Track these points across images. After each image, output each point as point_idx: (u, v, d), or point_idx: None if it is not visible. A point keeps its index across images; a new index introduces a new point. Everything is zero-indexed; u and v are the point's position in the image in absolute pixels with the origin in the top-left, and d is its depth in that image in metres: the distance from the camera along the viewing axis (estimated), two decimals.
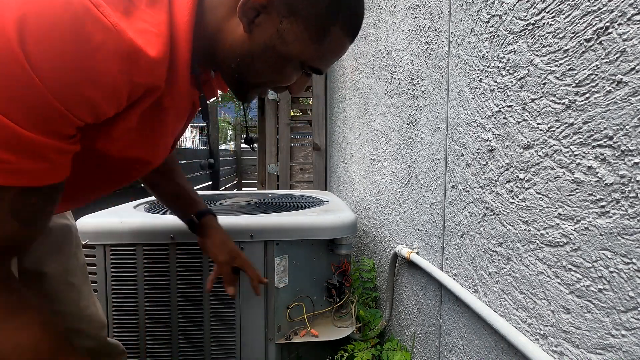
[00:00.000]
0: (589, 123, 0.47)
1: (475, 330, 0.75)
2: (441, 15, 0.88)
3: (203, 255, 0.98)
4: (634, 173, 0.42)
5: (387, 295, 1.24)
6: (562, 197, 0.52)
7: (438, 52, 0.90)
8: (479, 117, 0.72)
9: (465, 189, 0.78)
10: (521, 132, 0.60)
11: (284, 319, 1.04)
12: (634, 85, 0.41)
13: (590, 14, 0.47)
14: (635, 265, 0.42)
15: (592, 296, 0.47)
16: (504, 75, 0.63)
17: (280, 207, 1.24)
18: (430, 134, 0.95)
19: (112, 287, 0.97)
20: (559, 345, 0.53)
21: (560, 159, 0.52)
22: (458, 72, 0.80)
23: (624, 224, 0.43)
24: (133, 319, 0.98)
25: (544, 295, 0.56)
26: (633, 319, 0.42)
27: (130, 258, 0.96)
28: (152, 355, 0.99)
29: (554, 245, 0.53)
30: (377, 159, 1.46)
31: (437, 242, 0.92)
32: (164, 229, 0.96)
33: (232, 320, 1.00)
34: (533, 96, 0.57)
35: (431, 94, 0.94)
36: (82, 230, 0.96)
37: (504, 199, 0.64)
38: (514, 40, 0.61)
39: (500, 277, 0.66)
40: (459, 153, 0.80)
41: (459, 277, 0.81)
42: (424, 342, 1.00)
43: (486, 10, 0.68)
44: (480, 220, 0.72)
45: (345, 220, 1.06)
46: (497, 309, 0.67)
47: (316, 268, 1.09)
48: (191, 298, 0.98)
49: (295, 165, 3.11)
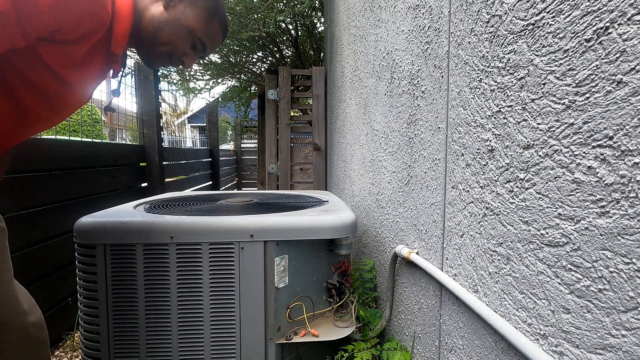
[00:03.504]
0: (589, 123, 0.47)
1: (475, 330, 0.75)
2: (441, 15, 0.88)
3: (203, 255, 0.98)
4: (634, 173, 0.42)
5: (387, 295, 1.24)
6: (562, 197, 0.52)
7: (438, 52, 0.90)
8: (479, 117, 0.72)
9: (465, 189, 0.78)
10: (521, 132, 0.60)
11: (284, 319, 1.04)
12: (634, 85, 0.41)
13: (590, 14, 0.47)
14: (635, 265, 0.42)
15: (592, 296, 0.47)
16: (504, 75, 0.63)
17: (280, 207, 1.24)
18: (430, 134, 0.95)
19: (112, 287, 0.97)
20: (559, 345, 0.53)
21: (560, 159, 0.52)
22: (458, 72, 0.80)
23: (624, 224, 0.43)
24: (133, 319, 0.98)
25: (544, 295, 0.56)
26: (633, 319, 0.42)
27: (130, 258, 0.96)
28: (152, 355, 0.99)
29: (554, 245, 0.53)
30: (377, 159, 1.46)
31: (437, 242, 0.92)
32: (164, 229, 0.96)
33: (232, 320, 1.00)
34: (533, 96, 0.57)
35: (431, 94, 0.94)
36: (82, 230, 0.96)
37: (504, 199, 0.64)
38: (514, 40, 0.61)
39: (500, 277, 0.66)
40: (459, 153, 0.80)
41: (459, 277, 0.81)
42: (424, 342, 1.00)
43: (486, 10, 0.68)
44: (480, 220, 0.72)
45: (345, 220, 1.06)
46: (497, 309, 0.67)
47: (316, 268, 1.09)
48: (191, 298, 0.98)
49: (295, 165, 3.11)
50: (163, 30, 0.81)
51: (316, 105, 3.03)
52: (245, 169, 7.61)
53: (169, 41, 0.83)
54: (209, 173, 4.90)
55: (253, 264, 0.99)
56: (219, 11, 0.88)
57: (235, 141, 7.66)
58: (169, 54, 0.85)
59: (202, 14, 0.84)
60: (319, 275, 1.10)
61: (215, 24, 0.87)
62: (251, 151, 7.63)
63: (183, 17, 0.82)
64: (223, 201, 1.36)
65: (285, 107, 3.04)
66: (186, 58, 0.87)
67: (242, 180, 7.51)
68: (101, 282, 0.96)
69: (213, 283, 0.98)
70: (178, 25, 0.82)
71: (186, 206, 1.24)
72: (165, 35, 0.82)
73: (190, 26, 0.83)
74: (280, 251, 1.02)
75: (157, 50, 0.84)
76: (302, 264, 1.06)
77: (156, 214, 1.07)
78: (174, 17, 0.81)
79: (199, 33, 0.85)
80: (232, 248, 0.98)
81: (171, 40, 0.83)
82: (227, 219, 1.00)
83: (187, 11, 0.83)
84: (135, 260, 0.96)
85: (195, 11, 0.83)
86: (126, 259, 0.96)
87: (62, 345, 1.57)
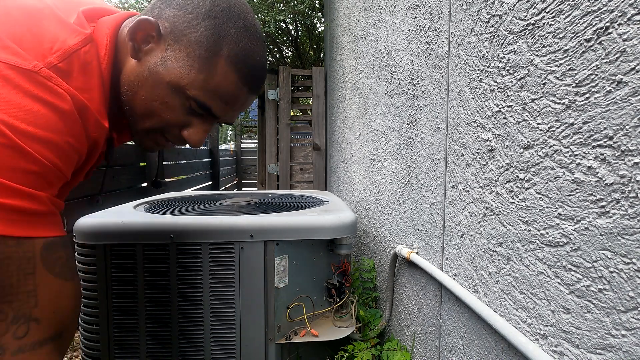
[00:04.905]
0: (589, 123, 0.47)
1: (475, 330, 0.75)
2: (441, 15, 0.88)
3: (203, 255, 0.98)
4: (634, 173, 0.42)
5: (387, 295, 1.24)
6: (562, 197, 0.52)
7: (438, 52, 0.90)
8: (479, 117, 0.72)
9: (465, 189, 0.78)
10: (521, 132, 0.60)
11: (284, 319, 1.04)
12: (634, 85, 0.41)
13: (590, 14, 0.47)
14: (635, 265, 0.42)
15: (592, 296, 0.47)
16: (504, 75, 0.63)
17: (280, 207, 1.24)
18: (430, 134, 0.95)
19: (112, 287, 0.97)
20: (559, 345, 0.53)
21: (560, 159, 0.52)
22: (458, 72, 0.80)
23: (624, 224, 0.43)
24: (133, 319, 0.98)
25: (544, 295, 0.56)
26: (633, 319, 0.42)
27: (130, 258, 0.96)
28: (152, 355, 0.99)
29: (554, 245, 0.53)
30: (377, 159, 1.46)
31: (437, 242, 0.92)
32: (164, 229, 0.96)
33: (232, 320, 1.00)
34: (533, 96, 0.57)
35: (431, 94, 0.94)
36: (82, 230, 0.96)
37: (504, 199, 0.64)
38: (514, 40, 0.61)
39: (500, 277, 0.66)
40: (459, 153, 0.80)
41: (459, 277, 0.81)
42: (424, 342, 1.00)
43: (486, 10, 0.68)
44: (480, 220, 0.72)
45: (345, 220, 1.06)
46: (497, 309, 0.67)
47: (316, 268, 1.09)
48: (191, 298, 0.98)
49: (295, 165, 3.11)
50: (137, 93, 0.54)
51: (316, 105, 3.03)
52: (245, 169, 7.61)
53: (149, 111, 0.54)
54: (209, 173, 4.89)
55: (253, 264, 0.99)
56: (225, 41, 0.52)
57: (235, 141, 7.66)
58: (161, 131, 0.58)
59: (191, 57, 0.52)
60: (319, 275, 1.10)
61: (221, 67, 0.53)
62: (251, 151, 7.63)
63: (162, 68, 0.52)
64: (223, 201, 1.36)
65: (285, 107, 3.04)
66: (187, 131, 0.58)
67: (242, 180, 7.51)
68: (101, 282, 0.96)
69: (213, 283, 0.98)
70: (155, 81, 0.53)
71: (186, 206, 1.24)
72: (141, 101, 0.54)
73: (172, 80, 0.52)
74: (280, 251, 1.01)
75: (140, 128, 0.57)
76: (302, 264, 1.06)
77: (156, 214, 1.07)
78: (149, 71, 0.53)
79: (190, 88, 0.53)
80: (232, 248, 0.98)
81: (152, 108, 0.54)
82: (227, 219, 1.00)
83: (168, 57, 0.52)
84: (135, 260, 0.96)
85: (180, 54, 0.52)
86: (126, 259, 0.96)
87: None
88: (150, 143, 0.61)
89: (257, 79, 0.57)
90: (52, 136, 0.45)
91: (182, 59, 0.52)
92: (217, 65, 0.53)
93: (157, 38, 0.53)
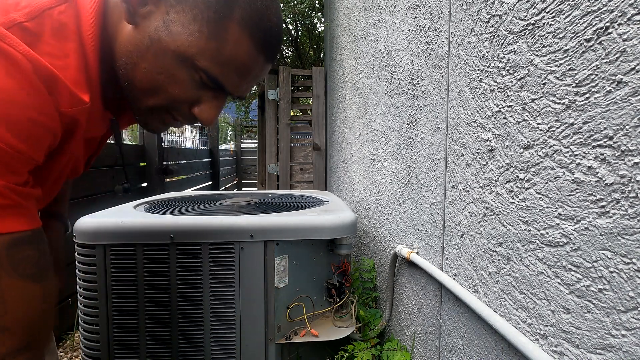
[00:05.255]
0: (589, 123, 0.47)
1: (475, 330, 0.75)
2: (441, 15, 0.88)
3: (203, 255, 0.98)
4: (634, 173, 0.42)
5: (387, 295, 1.24)
6: (562, 197, 0.52)
7: (438, 52, 0.90)
8: (479, 117, 0.72)
9: (465, 189, 0.78)
10: (521, 132, 0.60)
11: (284, 319, 1.04)
12: (634, 85, 0.41)
13: (590, 14, 0.47)
14: (635, 265, 0.42)
15: (592, 296, 0.47)
16: (504, 75, 0.63)
17: (280, 207, 1.24)
18: (430, 134, 0.95)
19: (112, 287, 0.97)
20: (559, 345, 0.53)
21: (560, 159, 0.52)
22: (458, 72, 0.80)
23: (624, 224, 0.43)
24: (133, 319, 0.98)
25: (544, 295, 0.56)
26: (633, 319, 0.42)
27: (130, 258, 0.96)
28: (152, 355, 0.99)
29: (554, 245, 0.53)
30: (377, 159, 1.46)
31: (437, 242, 0.92)
32: (164, 229, 0.96)
33: (232, 320, 1.00)
34: (533, 96, 0.57)
35: (431, 94, 0.94)
36: (82, 230, 0.96)
37: (504, 199, 0.64)
38: (514, 40, 0.61)
39: (500, 277, 0.66)
40: (459, 153, 0.80)
41: (459, 277, 0.81)
42: (424, 342, 1.00)
43: (486, 10, 0.68)
44: (480, 220, 0.72)
45: (345, 220, 1.06)
46: (497, 309, 0.67)
47: (316, 268, 1.09)
48: (191, 298, 0.98)
49: (295, 165, 3.11)
50: (137, 66, 0.46)
51: (316, 105, 3.03)
52: (245, 169, 7.62)
53: (153, 86, 0.47)
54: (209, 173, 4.90)
55: (253, 264, 0.99)
56: (237, 3, 0.44)
57: (236, 141, 7.67)
58: (167, 108, 0.50)
59: (198, 21, 0.44)
60: (319, 275, 1.10)
61: (233, 32, 0.45)
62: (251, 151, 7.63)
63: (165, 34, 0.44)
64: (223, 201, 1.36)
65: (285, 107, 3.04)
66: (198, 108, 0.50)
67: (242, 180, 7.51)
68: (101, 282, 0.96)
69: (213, 283, 0.98)
70: (158, 50, 0.45)
71: (186, 206, 1.24)
72: (142, 76, 0.46)
73: (178, 48, 0.44)
74: (280, 251, 1.01)
75: (143, 106, 0.49)
76: (302, 264, 1.06)
77: (156, 214, 1.07)
78: (149, 39, 0.44)
79: (199, 58, 0.45)
80: (232, 248, 0.98)
81: (156, 83, 0.46)
82: (227, 219, 1.00)
83: (171, 21, 0.44)
84: (135, 260, 0.96)
85: (185, 18, 0.44)
86: (126, 259, 0.96)
87: (62, 345, 1.57)
88: (155, 123, 0.52)
89: (274, 45, 0.49)
90: (8, 111, 0.37)
91: (188, 23, 0.44)
92: (229, 30, 0.44)
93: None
